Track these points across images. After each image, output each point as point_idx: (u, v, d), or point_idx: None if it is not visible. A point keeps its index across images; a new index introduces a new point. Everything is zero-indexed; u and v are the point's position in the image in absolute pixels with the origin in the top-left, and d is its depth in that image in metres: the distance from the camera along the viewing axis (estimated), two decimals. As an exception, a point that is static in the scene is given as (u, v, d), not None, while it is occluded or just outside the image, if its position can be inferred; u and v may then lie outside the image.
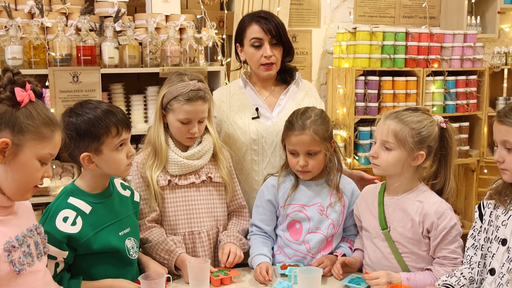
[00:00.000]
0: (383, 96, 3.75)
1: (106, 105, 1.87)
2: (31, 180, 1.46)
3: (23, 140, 1.41)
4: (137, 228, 2.05)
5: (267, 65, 2.38)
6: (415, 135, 1.95)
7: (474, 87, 4.01)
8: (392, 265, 2.01)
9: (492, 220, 1.84)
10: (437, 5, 4.53)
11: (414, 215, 1.98)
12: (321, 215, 2.19)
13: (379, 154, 1.99)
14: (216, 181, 2.25)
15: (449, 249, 1.96)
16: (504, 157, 1.74)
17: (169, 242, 2.10)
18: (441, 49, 3.92)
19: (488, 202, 1.90)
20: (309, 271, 1.95)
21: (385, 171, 2.01)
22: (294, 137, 2.13)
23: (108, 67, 2.92)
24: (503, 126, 1.72)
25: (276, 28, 2.34)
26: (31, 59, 2.79)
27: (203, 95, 2.14)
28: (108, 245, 1.85)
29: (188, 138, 2.18)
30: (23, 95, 1.41)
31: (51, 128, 1.47)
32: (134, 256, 1.95)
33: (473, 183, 4.06)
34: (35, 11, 2.94)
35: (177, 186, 2.19)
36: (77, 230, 1.79)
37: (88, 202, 1.85)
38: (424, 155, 1.98)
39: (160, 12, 3.20)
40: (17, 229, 1.47)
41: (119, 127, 1.82)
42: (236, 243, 2.18)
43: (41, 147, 1.45)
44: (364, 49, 3.73)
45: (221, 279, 2.03)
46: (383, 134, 1.97)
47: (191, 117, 2.13)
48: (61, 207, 1.81)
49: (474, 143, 4.10)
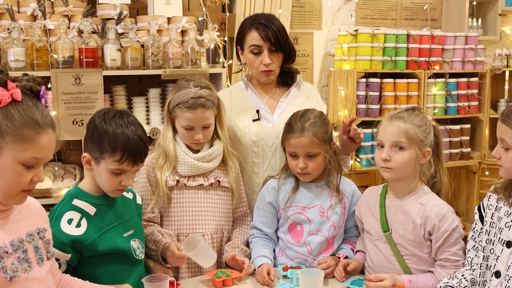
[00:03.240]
0: (384, 98, 3.75)
1: (133, 131, 1.81)
2: (15, 185, 1.37)
3: (2, 142, 1.32)
4: (141, 229, 2.05)
5: (266, 72, 2.39)
6: (422, 132, 1.97)
7: (475, 89, 4.01)
8: (394, 267, 2.00)
9: (494, 222, 1.84)
10: (439, 7, 4.52)
11: (415, 218, 1.97)
12: (321, 217, 2.19)
13: (391, 157, 1.97)
14: (224, 185, 2.25)
15: (451, 251, 1.95)
16: (500, 154, 1.80)
17: (155, 233, 2.10)
18: (443, 51, 3.92)
19: (489, 204, 1.89)
20: (311, 272, 1.94)
21: (399, 173, 1.99)
22: (294, 140, 2.13)
23: (110, 69, 2.92)
24: (503, 125, 1.76)
25: (275, 36, 2.33)
26: (34, 61, 2.79)
27: (203, 103, 2.14)
28: (114, 246, 1.85)
29: (194, 143, 2.20)
30: (1, 95, 1.32)
31: (35, 130, 1.36)
32: (140, 256, 1.95)
33: (475, 185, 4.06)
34: (37, 13, 2.94)
35: (185, 187, 2.20)
36: (82, 232, 1.79)
37: (92, 204, 1.85)
38: (430, 152, 1.99)
39: (162, 14, 3.20)
40: (13, 234, 1.42)
41: (125, 156, 1.78)
42: (242, 255, 2.19)
43: (23, 150, 1.34)
44: (365, 51, 3.73)
45: (223, 280, 2.03)
46: (394, 135, 1.96)
47: (193, 124, 2.15)
48: (65, 209, 1.81)
49: (476, 145, 4.09)
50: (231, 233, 2.31)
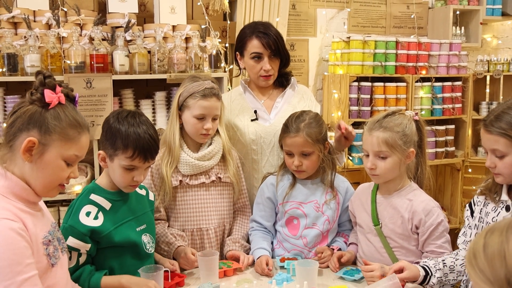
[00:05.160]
0: (375, 101, 3.74)
1: (145, 130, 1.82)
2: (56, 178, 1.42)
3: (49, 140, 1.37)
4: (153, 225, 2.04)
5: (265, 77, 2.38)
6: (402, 137, 1.94)
7: (459, 92, 4.00)
8: (384, 259, 2.00)
9: (482, 217, 1.84)
10: (425, 16, 4.52)
11: (403, 213, 1.97)
12: (317, 211, 2.18)
13: (376, 165, 1.96)
14: (225, 181, 2.25)
15: (436, 244, 1.95)
16: (495, 163, 1.72)
17: (168, 235, 2.10)
18: (429, 57, 3.91)
19: (477, 200, 1.89)
20: (307, 263, 1.94)
21: (385, 178, 1.99)
22: (289, 139, 2.13)
23: (119, 73, 2.92)
24: (491, 135, 1.69)
25: (275, 43, 2.34)
26: (48, 66, 2.79)
27: (217, 93, 2.16)
28: (128, 239, 1.85)
29: (202, 135, 2.17)
30: (52, 97, 1.38)
31: (78, 130, 1.42)
32: (150, 250, 1.94)
33: (459, 182, 4.06)
34: (52, 22, 2.94)
35: (188, 186, 2.19)
36: (100, 224, 1.79)
37: (108, 199, 1.85)
38: (414, 151, 1.98)
39: (168, 22, 3.20)
40: (47, 224, 1.45)
41: (136, 153, 1.79)
42: (241, 250, 2.19)
43: (67, 148, 1.40)
44: (357, 57, 3.73)
45: (224, 271, 2.03)
46: (374, 145, 1.95)
47: (205, 112, 2.13)
48: (83, 203, 1.81)
49: (459, 145, 4.09)
50: (232, 225, 2.30)
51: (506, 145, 1.66)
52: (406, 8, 4.46)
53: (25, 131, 1.37)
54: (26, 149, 1.35)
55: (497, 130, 1.66)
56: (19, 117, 1.38)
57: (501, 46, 4.83)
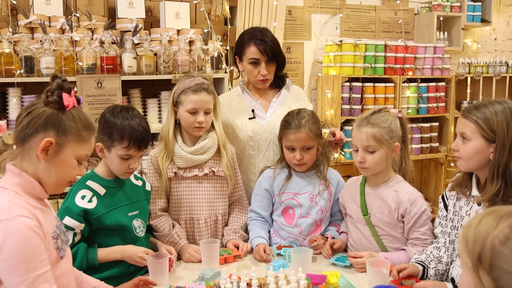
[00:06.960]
0: (365, 100, 3.75)
1: (138, 122, 1.88)
2: (68, 176, 1.42)
3: (65, 140, 1.37)
4: (146, 212, 2.07)
5: (263, 80, 2.38)
6: (388, 132, 1.95)
7: (442, 92, 4.02)
8: (372, 246, 2.02)
9: (456, 211, 1.84)
10: (411, 22, 4.53)
11: (390, 203, 1.98)
12: (311, 202, 2.20)
13: (365, 158, 1.97)
14: (219, 175, 2.23)
15: (420, 231, 1.96)
16: (459, 146, 1.74)
17: (173, 235, 2.11)
18: (415, 60, 3.92)
19: (450, 194, 1.89)
20: (302, 251, 1.96)
21: (374, 170, 2.00)
22: (292, 135, 2.13)
23: (127, 74, 2.92)
24: (465, 119, 1.72)
25: (271, 49, 2.32)
26: (62, 68, 2.80)
27: (206, 87, 2.15)
28: (118, 222, 1.89)
29: (196, 128, 2.15)
30: (69, 100, 1.38)
31: (89, 131, 1.43)
32: (140, 234, 1.97)
33: (442, 175, 4.08)
34: (65, 27, 2.94)
35: (182, 178, 2.19)
36: (93, 207, 1.83)
37: (103, 186, 1.90)
38: (399, 145, 1.99)
39: (172, 27, 3.20)
40: (54, 219, 1.45)
41: (132, 143, 1.85)
42: (241, 239, 2.20)
43: (80, 148, 1.40)
44: (349, 59, 3.73)
45: (225, 257, 2.04)
46: (363, 140, 1.96)
47: (197, 106, 2.12)
48: (80, 187, 1.86)
49: (443, 140, 4.11)
50: (230, 216, 2.30)
51: (473, 131, 1.68)
52: (394, 14, 4.47)
53: (42, 131, 1.35)
54: (43, 148, 1.34)
55: (471, 117, 1.69)
56: (35, 118, 1.36)
57: (480, 50, 4.85)
